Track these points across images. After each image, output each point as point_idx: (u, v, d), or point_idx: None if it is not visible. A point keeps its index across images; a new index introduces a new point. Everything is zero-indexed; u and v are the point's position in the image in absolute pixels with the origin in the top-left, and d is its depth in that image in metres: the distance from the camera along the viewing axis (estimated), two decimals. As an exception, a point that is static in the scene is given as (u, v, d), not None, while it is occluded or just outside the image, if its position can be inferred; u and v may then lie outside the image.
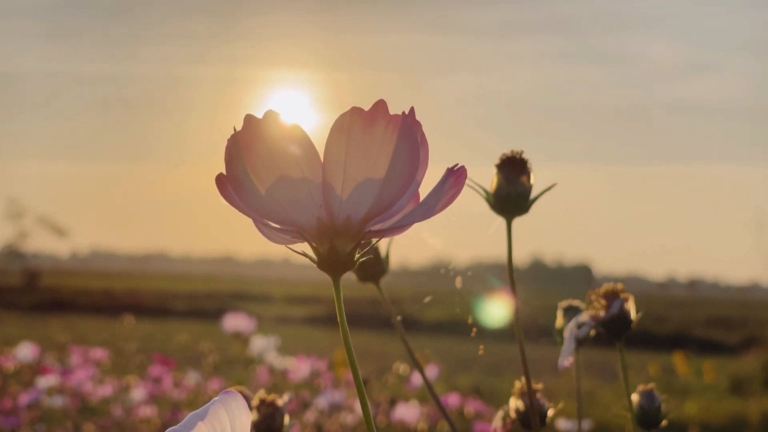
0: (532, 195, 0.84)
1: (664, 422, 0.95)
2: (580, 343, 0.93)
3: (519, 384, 0.94)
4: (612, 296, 0.91)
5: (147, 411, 4.12)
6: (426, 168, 0.57)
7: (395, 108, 0.55)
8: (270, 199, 0.56)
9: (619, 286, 0.91)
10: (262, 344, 4.10)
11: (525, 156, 0.84)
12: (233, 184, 0.56)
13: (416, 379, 3.76)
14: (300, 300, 24.09)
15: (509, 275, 0.83)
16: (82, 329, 12.81)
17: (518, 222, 0.85)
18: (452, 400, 3.83)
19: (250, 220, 0.58)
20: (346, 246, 0.57)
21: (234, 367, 5.11)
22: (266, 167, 0.55)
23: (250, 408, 1.03)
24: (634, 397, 0.96)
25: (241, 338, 3.98)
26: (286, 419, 0.90)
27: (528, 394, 0.89)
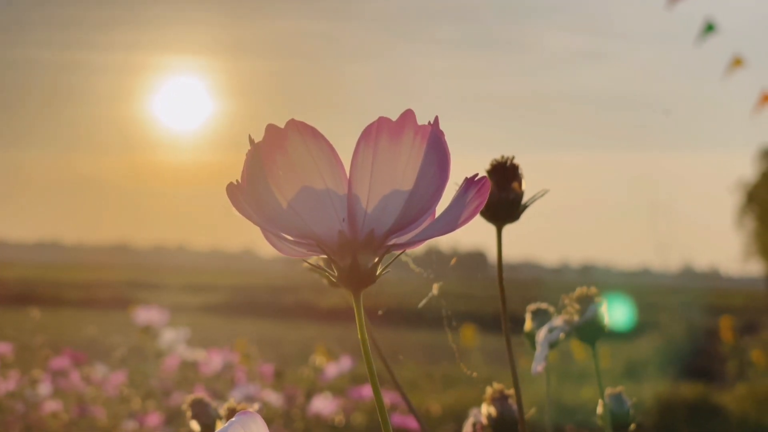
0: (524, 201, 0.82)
1: (632, 426, 0.95)
2: (551, 347, 0.92)
3: (491, 389, 0.92)
4: (586, 301, 0.90)
5: (53, 405, 4.01)
6: (448, 179, 0.55)
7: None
8: (291, 211, 0.53)
9: (593, 290, 0.90)
10: (172, 336, 4.03)
11: (516, 162, 0.82)
12: (251, 196, 0.53)
13: (330, 371, 3.73)
14: (196, 288, 23.86)
15: (499, 282, 0.81)
16: (-27, 320, 12.45)
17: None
18: (366, 391, 3.79)
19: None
20: (368, 260, 0.55)
21: (141, 360, 5.02)
22: (288, 179, 0.52)
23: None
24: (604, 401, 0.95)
25: (150, 331, 3.90)
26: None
27: (517, 400, 0.87)
